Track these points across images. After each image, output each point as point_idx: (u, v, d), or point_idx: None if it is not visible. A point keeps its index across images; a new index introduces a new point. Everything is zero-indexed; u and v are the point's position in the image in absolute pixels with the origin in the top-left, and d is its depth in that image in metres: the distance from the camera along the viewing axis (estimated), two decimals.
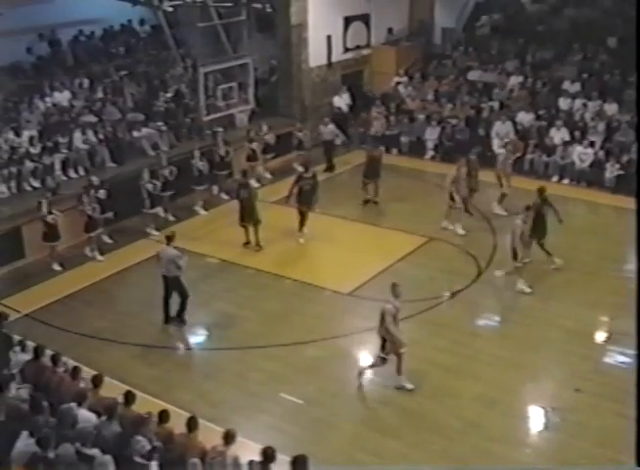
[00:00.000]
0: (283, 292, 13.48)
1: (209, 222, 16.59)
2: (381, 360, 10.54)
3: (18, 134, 16.11)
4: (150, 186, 15.61)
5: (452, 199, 15.32)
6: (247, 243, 15.14)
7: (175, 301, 12.39)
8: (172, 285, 12.21)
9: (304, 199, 15.00)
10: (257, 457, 7.43)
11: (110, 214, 15.12)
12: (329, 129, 19.42)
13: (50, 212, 14.12)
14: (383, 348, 10.48)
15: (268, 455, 7.37)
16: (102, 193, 14.90)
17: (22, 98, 17.75)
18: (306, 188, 14.94)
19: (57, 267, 14.36)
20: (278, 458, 7.36)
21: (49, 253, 14.37)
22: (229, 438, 7.67)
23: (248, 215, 14.85)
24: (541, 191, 13.68)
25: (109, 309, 13.01)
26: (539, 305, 12.67)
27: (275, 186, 18.42)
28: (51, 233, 14.18)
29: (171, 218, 16.53)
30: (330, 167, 19.35)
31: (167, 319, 12.39)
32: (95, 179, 15.17)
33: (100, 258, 14.79)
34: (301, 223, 15.25)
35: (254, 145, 18.18)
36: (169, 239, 12.18)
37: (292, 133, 19.57)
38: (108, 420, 7.81)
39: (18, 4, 17.89)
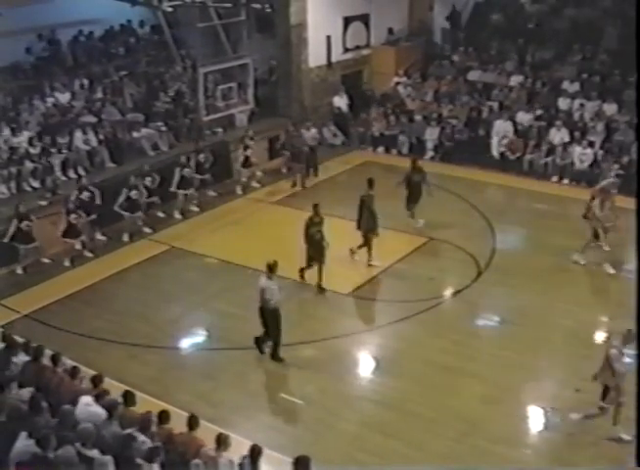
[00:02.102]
0: (283, 292, 13.43)
1: (210, 222, 16.57)
2: (600, 410, 9.50)
3: (17, 134, 16.11)
4: (133, 192, 15.43)
5: (596, 234, 13.72)
6: (320, 287, 13.33)
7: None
8: (269, 317, 11.13)
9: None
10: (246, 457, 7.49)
11: (93, 217, 14.97)
12: (311, 134, 19.04)
13: (27, 218, 13.95)
14: (604, 396, 9.43)
15: (255, 453, 7.43)
16: (85, 195, 14.83)
17: (21, 98, 17.75)
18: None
19: (19, 271, 14.25)
20: (278, 458, 7.36)
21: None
22: (221, 443, 7.64)
23: (317, 255, 13.16)
24: (414, 161, 15.51)
25: (108, 310, 12.99)
26: (539, 305, 12.66)
27: (275, 186, 18.43)
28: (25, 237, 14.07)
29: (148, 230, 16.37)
30: (308, 174, 18.84)
31: (262, 349, 11.42)
32: (85, 180, 15.17)
33: (67, 263, 14.50)
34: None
35: (249, 152, 18.02)
36: (271, 269, 11.03)
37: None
38: (108, 420, 7.80)
39: (18, 4, 17.87)
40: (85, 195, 14.86)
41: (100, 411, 7.91)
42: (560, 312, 12.43)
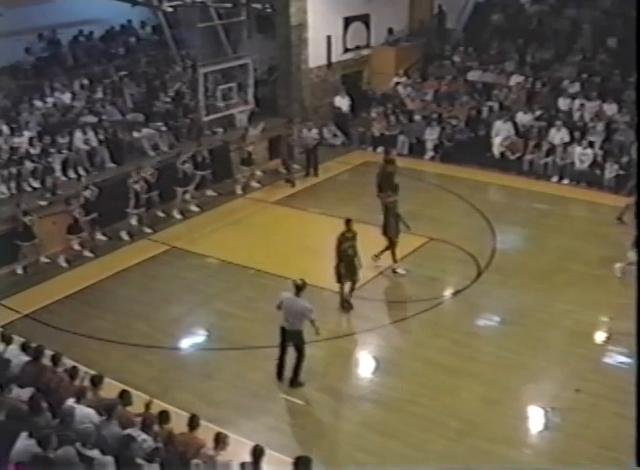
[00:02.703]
0: (283, 292, 13.44)
1: (210, 222, 16.57)
2: None
3: (17, 134, 16.10)
4: (137, 186, 15.54)
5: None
6: (347, 303, 12.78)
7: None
8: (292, 339, 10.55)
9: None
10: (248, 458, 7.47)
11: (94, 215, 14.98)
12: (312, 134, 19.12)
13: (28, 212, 14.11)
14: None
15: (257, 453, 7.40)
16: (87, 193, 14.88)
17: (21, 98, 17.76)
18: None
19: (19, 271, 14.25)
20: (278, 459, 7.36)
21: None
22: (219, 442, 7.65)
23: (348, 271, 12.54)
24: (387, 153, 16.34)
25: (108, 310, 12.99)
26: (539, 305, 12.66)
27: (275, 186, 18.44)
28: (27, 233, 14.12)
29: (178, 216, 16.53)
30: (308, 173, 19.01)
31: (281, 375, 10.81)
32: (84, 179, 15.17)
33: (63, 264, 14.51)
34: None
35: (251, 148, 18.09)
36: (299, 288, 10.36)
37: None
38: (107, 420, 7.80)
39: (18, 4, 17.90)
40: (89, 193, 14.89)
41: (87, 411, 7.89)
42: (560, 312, 12.43)
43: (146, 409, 8.25)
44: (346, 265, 12.42)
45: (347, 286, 12.61)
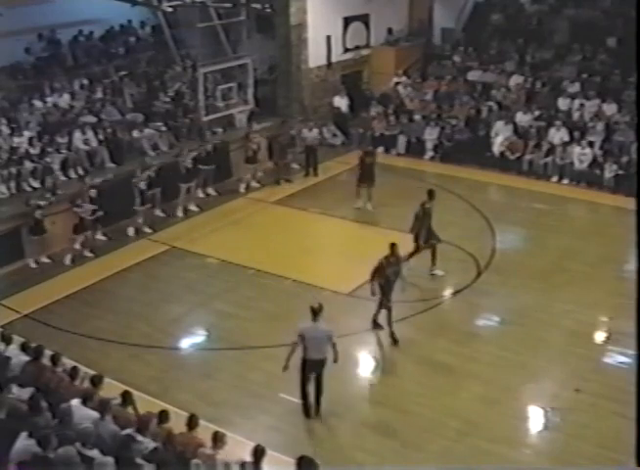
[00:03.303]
0: (283, 292, 13.46)
1: (210, 222, 16.57)
2: None
3: (17, 134, 16.10)
4: (142, 184, 15.56)
5: None
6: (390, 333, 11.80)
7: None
8: (317, 368, 9.77)
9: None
10: (249, 457, 7.45)
11: (100, 214, 14.99)
12: (313, 134, 19.12)
13: (38, 206, 14.29)
14: None
15: (258, 454, 7.39)
16: (93, 192, 14.89)
17: (21, 98, 17.75)
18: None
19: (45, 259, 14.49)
20: (278, 458, 7.35)
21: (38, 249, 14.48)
22: (217, 441, 7.64)
23: (386, 297, 11.79)
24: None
25: (108, 310, 12.99)
26: (539, 305, 12.66)
27: (275, 186, 18.42)
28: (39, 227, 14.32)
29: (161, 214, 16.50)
30: (308, 173, 19.01)
31: (310, 412, 10.01)
32: (88, 179, 15.18)
33: (68, 262, 14.59)
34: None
35: (255, 146, 18.11)
36: (316, 313, 9.63)
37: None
38: (101, 418, 7.79)
39: (18, 4, 17.89)
40: (93, 192, 14.89)
41: (91, 413, 7.89)
42: (560, 312, 12.43)
43: (123, 401, 8.18)
44: (387, 291, 11.60)
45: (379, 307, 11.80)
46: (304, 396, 9.92)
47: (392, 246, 11.64)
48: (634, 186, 13.51)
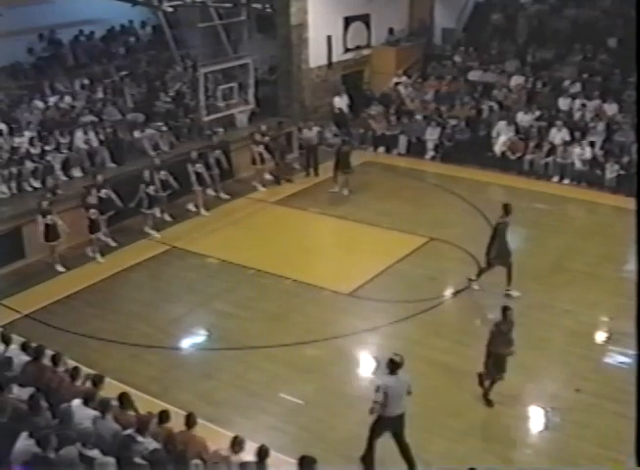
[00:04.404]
0: (283, 292, 13.47)
1: (210, 222, 16.57)
2: None
3: (17, 134, 16.11)
4: (151, 188, 15.53)
5: None
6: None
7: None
8: (399, 424, 8.75)
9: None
10: (252, 457, 7.45)
11: (111, 213, 15.03)
12: (313, 133, 19.10)
13: (49, 213, 14.04)
14: None
15: (262, 454, 7.39)
16: (104, 193, 14.89)
17: (22, 98, 17.76)
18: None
19: (60, 269, 14.28)
20: (278, 459, 7.35)
21: (49, 253, 14.36)
22: (236, 445, 7.62)
23: (498, 368, 10.44)
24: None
25: (109, 310, 13.00)
26: (539, 305, 12.66)
27: (276, 186, 18.42)
28: (51, 233, 14.13)
29: (168, 219, 16.45)
30: (308, 173, 19.01)
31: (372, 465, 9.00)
32: (99, 178, 15.17)
33: (100, 259, 14.70)
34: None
35: (261, 147, 18.05)
36: (398, 366, 8.57)
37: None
38: (102, 417, 7.79)
39: (18, 4, 17.92)
40: (103, 192, 14.86)
41: (92, 412, 7.89)
42: (560, 312, 12.43)
43: (120, 404, 8.13)
44: (497, 360, 10.29)
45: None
46: (373, 457, 8.85)
47: (505, 309, 10.40)
48: (635, 186, 13.49)
